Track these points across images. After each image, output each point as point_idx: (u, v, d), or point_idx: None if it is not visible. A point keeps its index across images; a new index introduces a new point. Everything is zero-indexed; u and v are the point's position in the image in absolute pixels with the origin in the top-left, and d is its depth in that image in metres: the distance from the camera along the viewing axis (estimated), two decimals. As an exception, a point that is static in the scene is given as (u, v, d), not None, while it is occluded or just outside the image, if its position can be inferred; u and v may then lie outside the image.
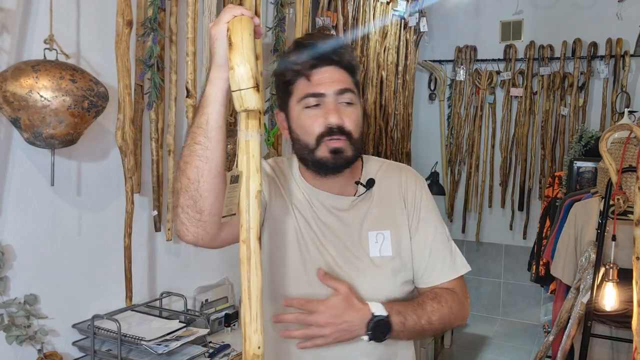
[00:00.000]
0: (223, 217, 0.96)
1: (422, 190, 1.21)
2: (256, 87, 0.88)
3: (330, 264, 1.12)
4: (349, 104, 1.11)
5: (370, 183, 1.17)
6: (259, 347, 0.90)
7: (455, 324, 1.17)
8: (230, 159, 2.16)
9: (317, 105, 1.09)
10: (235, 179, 0.94)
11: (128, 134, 1.73)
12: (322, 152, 1.09)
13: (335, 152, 1.08)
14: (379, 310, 1.04)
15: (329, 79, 1.09)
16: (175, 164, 0.96)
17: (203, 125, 0.94)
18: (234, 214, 0.95)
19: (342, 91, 1.09)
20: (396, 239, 1.15)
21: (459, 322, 1.17)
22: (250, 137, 0.93)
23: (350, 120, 1.10)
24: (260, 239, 0.92)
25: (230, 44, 0.88)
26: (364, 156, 1.23)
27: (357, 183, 1.18)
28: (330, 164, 1.10)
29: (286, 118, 1.15)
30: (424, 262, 1.17)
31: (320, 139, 1.08)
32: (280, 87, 1.15)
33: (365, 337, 1.04)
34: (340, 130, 1.08)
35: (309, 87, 1.09)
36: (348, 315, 1.02)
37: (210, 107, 0.94)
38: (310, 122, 1.09)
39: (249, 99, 0.88)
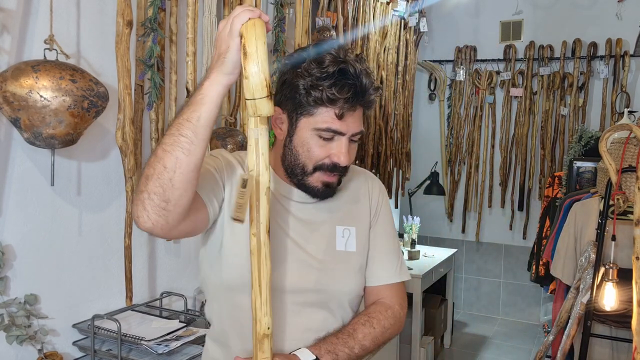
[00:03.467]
0: (232, 219, 0.98)
1: (385, 197, 1.28)
2: (269, 95, 0.91)
3: (296, 252, 1.14)
4: (355, 141, 1.13)
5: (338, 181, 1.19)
6: (268, 328, 0.97)
7: (390, 339, 1.21)
8: (230, 159, 2.17)
9: (330, 138, 1.09)
10: (245, 184, 0.97)
11: (128, 134, 1.73)
12: (314, 182, 1.12)
13: (328, 186, 1.13)
14: (306, 357, 1.05)
15: (352, 120, 1.09)
16: (156, 145, 0.98)
17: (193, 121, 0.92)
18: (242, 221, 0.97)
19: (358, 133, 1.11)
20: (360, 236, 1.20)
21: (393, 336, 1.22)
22: (259, 135, 0.95)
23: (352, 156, 1.13)
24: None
25: (244, 53, 0.90)
26: None
27: None
28: (318, 194, 1.14)
29: (288, 124, 1.13)
30: (375, 259, 1.22)
31: (319, 168, 1.11)
32: (297, 93, 1.08)
33: None
34: (341, 169, 1.12)
35: (334, 123, 1.07)
36: None
37: (206, 106, 0.93)
38: (318, 152, 1.10)
39: (263, 107, 0.92)
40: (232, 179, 1.13)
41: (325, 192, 1.14)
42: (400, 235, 3.91)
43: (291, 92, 1.09)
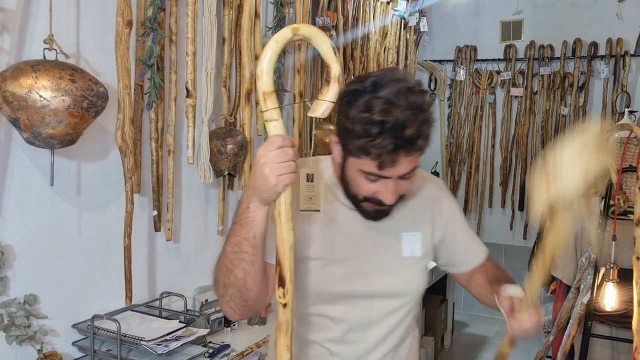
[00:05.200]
0: (302, 210, 1.13)
1: (447, 194, 1.34)
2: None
3: (364, 263, 1.20)
4: (406, 178, 1.11)
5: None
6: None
7: None
8: (230, 159, 2.16)
9: (375, 180, 1.09)
10: (311, 178, 1.12)
11: (128, 134, 1.73)
12: (367, 207, 1.14)
13: (379, 212, 1.15)
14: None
15: (398, 165, 1.05)
16: (222, 256, 1.09)
17: (250, 239, 1.03)
18: (318, 210, 1.13)
19: (409, 172, 1.09)
20: (425, 241, 1.26)
21: None
22: None
23: (404, 189, 1.13)
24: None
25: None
26: None
27: None
28: (371, 217, 1.16)
29: (341, 154, 1.13)
30: (461, 252, 1.34)
31: (368, 200, 1.12)
32: (346, 133, 1.07)
33: None
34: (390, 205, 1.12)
35: (377, 170, 1.05)
36: None
37: (258, 226, 1.02)
38: (364, 188, 1.11)
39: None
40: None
41: (378, 216, 1.16)
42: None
43: (341, 129, 1.09)
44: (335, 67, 0.96)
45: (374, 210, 1.14)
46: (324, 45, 0.96)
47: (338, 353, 1.20)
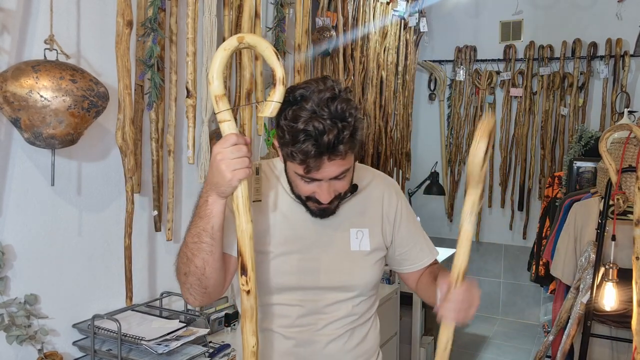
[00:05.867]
0: (253, 201, 1.19)
1: (401, 198, 1.40)
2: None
3: (313, 257, 1.26)
4: (340, 178, 1.17)
5: (354, 188, 1.29)
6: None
7: None
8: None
9: (310, 181, 1.16)
10: (257, 171, 1.19)
11: (128, 134, 1.73)
12: (311, 206, 1.22)
13: (323, 210, 1.22)
14: None
15: (327, 167, 1.12)
16: (183, 246, 1.16)
17: (209, 230, 1.10)
18: (259, 200, 1.21)
19: (341, 173, 1.15)
20: (373, 236, 1.32)
21: None
22: None
23: (340, 188, 1.19)
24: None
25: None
26: (356, 164, 1.31)
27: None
28: (317, 215, 1.24)
29: (282, 158, 1.20)
30: (410, 252, 1.38)
31: (309, 199, 1.20)
32: (281, 139, 1.14)
33: None
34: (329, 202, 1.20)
35: (304, 173, 1.13)
36: None
37: (216, 217, 1.09)
38: (303, 189, 1.19)
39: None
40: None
41: (323, 214, 1.23)
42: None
43: (277, 136, 1.16)
44: (279, 71, 1.03)
45: (318, 209, 1.22)
46: (267, 51, 1.03)
47: (292, 337, 1.26)
